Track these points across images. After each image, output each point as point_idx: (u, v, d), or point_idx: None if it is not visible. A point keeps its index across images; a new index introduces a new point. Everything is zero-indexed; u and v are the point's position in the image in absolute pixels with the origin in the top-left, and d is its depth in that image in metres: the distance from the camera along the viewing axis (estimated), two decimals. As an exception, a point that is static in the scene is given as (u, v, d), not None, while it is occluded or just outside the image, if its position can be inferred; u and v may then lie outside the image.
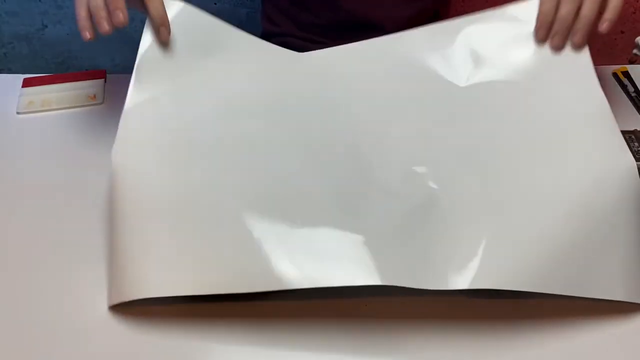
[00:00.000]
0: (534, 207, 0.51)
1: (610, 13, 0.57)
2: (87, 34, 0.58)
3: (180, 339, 0.50)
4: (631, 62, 0.89)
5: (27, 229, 0.58)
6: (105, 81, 0.74)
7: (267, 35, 0.91)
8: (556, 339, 0.50)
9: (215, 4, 1.41)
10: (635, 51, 0.85)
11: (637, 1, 1.31)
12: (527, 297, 0.52)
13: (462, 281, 0.48)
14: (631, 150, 0.57)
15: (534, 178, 0.52)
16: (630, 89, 0.74)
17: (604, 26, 0.57)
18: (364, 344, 0.50)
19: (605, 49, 1.08)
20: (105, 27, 0.57)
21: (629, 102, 0.73)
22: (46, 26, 1.44)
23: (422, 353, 0.49)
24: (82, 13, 0.57)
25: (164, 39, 0.60)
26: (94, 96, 0.72)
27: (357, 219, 0.51)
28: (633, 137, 0.62)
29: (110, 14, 0.57)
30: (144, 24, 0.64)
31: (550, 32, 0.58)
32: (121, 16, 0.58)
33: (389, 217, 0.51)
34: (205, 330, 0.50)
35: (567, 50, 0.59)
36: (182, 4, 0.60)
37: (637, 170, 0.52)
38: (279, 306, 0.52)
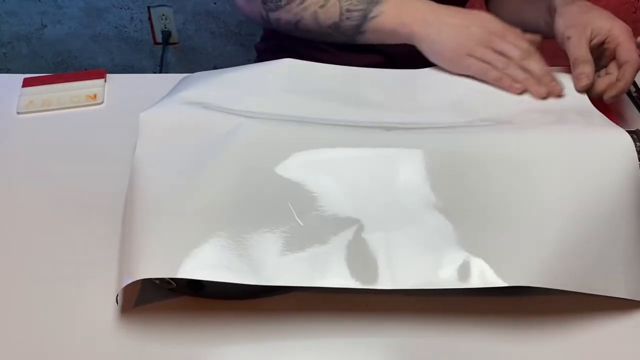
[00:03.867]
0: (542, 208, 0.51)
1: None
2: (519, 86, 0.64)
3: (184, 341, 0.50)
4: (632, 62, 0.88)
5: (27, 229, 0.58)
6: (105, 81, 0.74)
7: (267, 38, 0.91)
8: (557, 335, 0.50)
9: (214, 3, 1.41)
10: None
11: (638, 1, 1.32)
12: (527, 294, 0.52)
13: (480, 281, 0.48)
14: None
15: (541, 181, 0.53)
16: (632, 88, 0.74)
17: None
18: (364, 342, 0.50)
19: (606, 49, 1.08)
20: (560, 88, 0.64)
21: (630, 102, 0.73)
22: (45, 26, 1.44)
23: (424, 351, 0.49)
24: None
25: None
26: (94, 96, 0.72)
27: (377, 223, 0.52)
28: (634, 136, 0.62)
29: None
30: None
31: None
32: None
33: (410, 222, 0.52)
34: (208, 331, 0.50)
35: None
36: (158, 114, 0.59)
37: (637, 161, 0.52)
38: (277, 303, 0.52)
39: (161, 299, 0.52)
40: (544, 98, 0.62)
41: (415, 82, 0.68)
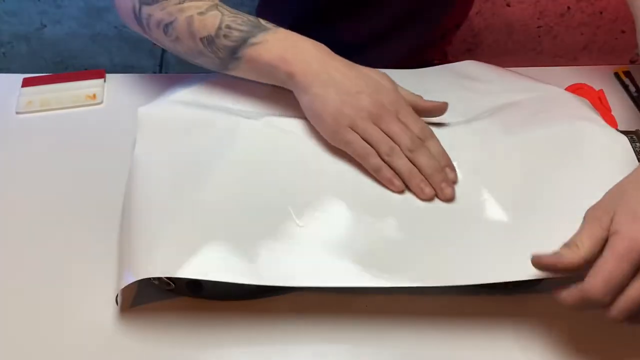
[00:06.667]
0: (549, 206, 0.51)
1: None
2: (399, 183, 0.53)
3: (183, 342, 0.50)
4: (632, 62, 0.88)
5: (26, 229, 0.58)
6: (104, 81, 0.74)
7: None
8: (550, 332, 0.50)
9: (214, 3, 1.41)
10: (637, 51, 0.85)
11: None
12: (525, 293, 0.51)
13: (489, 276, 0.48)
14: (632, 150, 0.57)
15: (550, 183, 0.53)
16: (632, 88, 0.74)
17: None
18: (364, 342, 0.50)
19: (607, 49, 1.08)
20: (450, 193, 0.53)
21: (631, 102, 0.73)
22: (45, 26, 1.44)
23: (423, 351, 0.49)
24: (385, 170, 0.53)
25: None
26: (93, 96, 0.72)
27: (375, 220, 0.52)
28: (634, 137, 0.62)
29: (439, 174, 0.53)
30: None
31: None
32: (454, 175, 0.54)
33: (405, 219, 0.52)
34: (206, 332, 0.50)
35: None
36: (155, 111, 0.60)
37: (636, 162, 0.53)
38: (276, 304, 0.52)
39: (160, 299, 0.52)
40: (429, 200, 0.53)
41: (415, 81, 0.67)
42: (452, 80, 0.67)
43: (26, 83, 0.73)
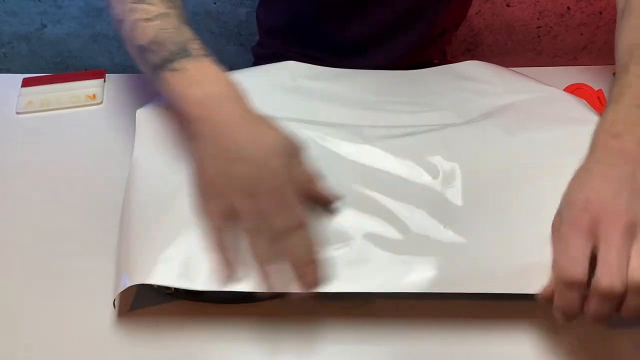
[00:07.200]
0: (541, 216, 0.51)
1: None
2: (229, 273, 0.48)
3: (182, 345, 0.50)
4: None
5: (27, 229, 0.58)
6: (104, 81, 0.74)
7: (262, 44, 0.91)
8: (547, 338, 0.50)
9: (214, 3, 1.41)
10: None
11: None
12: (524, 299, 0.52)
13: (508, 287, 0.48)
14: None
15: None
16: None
17: None
18: (365, 344, 0.50)
19: (607, 49, 1.08)
20: (313, 279, 0.48)
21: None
22: (45, 26, 1.44)
23: (423, 352, 0.49)
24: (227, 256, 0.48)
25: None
26: (94, 96, 0.72)
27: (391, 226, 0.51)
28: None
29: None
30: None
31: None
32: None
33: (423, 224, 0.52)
34: (206, 336, 0.50)
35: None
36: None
37: None
38: (276, 308, 0.52)
39: (159, 303, 0.52)
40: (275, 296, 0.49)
41: (415, 83, 0.68)
42: (452, 81, 0.67)
43: (26, 83, 0.73)
